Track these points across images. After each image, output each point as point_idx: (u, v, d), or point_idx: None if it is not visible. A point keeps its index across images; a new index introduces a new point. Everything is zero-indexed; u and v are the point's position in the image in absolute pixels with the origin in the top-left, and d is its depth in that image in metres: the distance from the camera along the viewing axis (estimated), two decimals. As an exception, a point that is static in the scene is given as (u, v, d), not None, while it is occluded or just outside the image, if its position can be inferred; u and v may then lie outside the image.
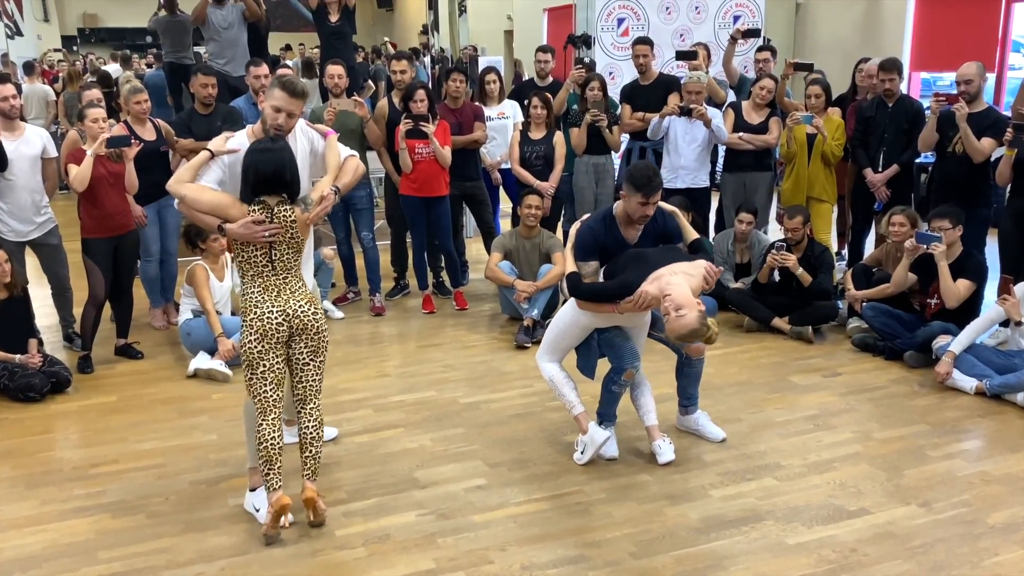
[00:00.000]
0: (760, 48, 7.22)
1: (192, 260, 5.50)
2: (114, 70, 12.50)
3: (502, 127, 6.83)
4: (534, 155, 6.37)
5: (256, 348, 3.34)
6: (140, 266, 5.82)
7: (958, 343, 4.86)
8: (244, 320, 3.37)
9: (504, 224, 7.67)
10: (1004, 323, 4.98)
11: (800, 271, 5.64)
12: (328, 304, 6.29)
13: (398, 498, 3.76)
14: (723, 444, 4.22)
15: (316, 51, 11.50)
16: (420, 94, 5.85)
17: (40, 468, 4.09)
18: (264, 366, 3.36)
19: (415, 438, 4.35)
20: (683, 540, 3.42)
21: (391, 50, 13.66)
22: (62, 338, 5.75)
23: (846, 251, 7.00)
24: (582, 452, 4.05)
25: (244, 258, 3.37)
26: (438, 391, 4.94)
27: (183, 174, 3.37)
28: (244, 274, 3.40)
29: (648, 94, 6.62)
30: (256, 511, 3.59)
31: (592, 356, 4.12)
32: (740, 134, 6.35)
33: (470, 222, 7.90)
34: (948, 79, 10.49)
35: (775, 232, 6.86)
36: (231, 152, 3.42)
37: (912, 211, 5.67)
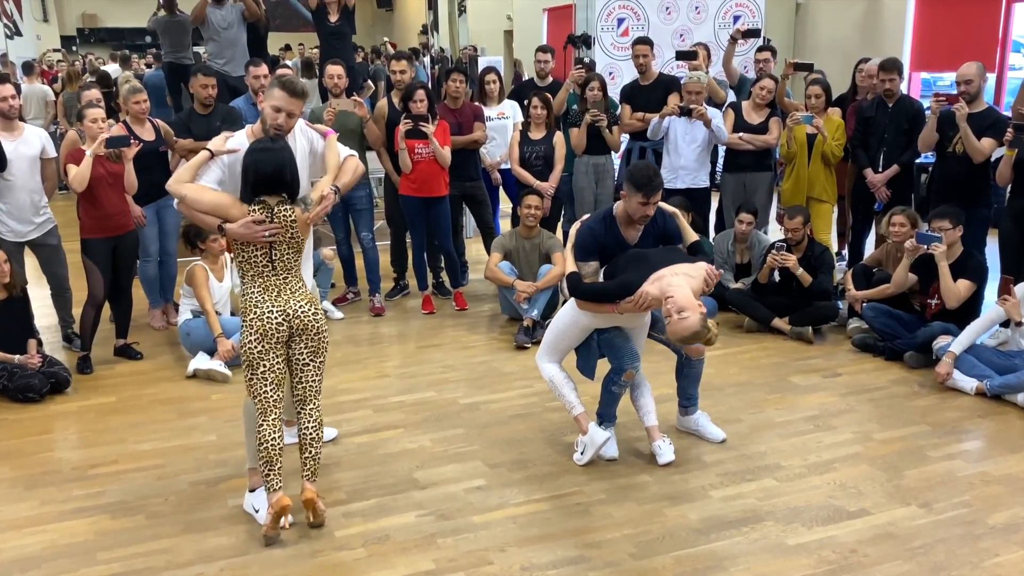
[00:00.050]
0: (760, 48, 7.22)
1: (191, 260, 5.50)
2: (113, 70, 12.49)
3: (502, 127, 6.82)
4: (534, 155, 6.37)
5: (256, 348, 3.34)
6: (139, 266, 5.81)
7: (958, 343, 4.86)
8: (244, 320, 3.37)
9: (504, 224, 7.66)
10: (1004, 323, 4.98)
11: (800, 271, 5.64)
12: (328, 304, 6.29)
13: (398, 499, 3.76)
14: (723, 445, 4.22)
15: (315, 51, 11.48)
16: (420, 94, 5.85)
17: (39, 469, 4.09)
18: (264, 366, 3.36)
19: (415, 439, 4.34)
20: (683, 541, 3.42)
21: (391, 50, 13.66)
22: (61, 338, 5.74)
23: (846, 251, 7.00)
24: (582, 453, 4.05)
25: (244, 258, 3.36)
26: (438, 392, 4.94)
27: (183, 174, 3.36)
28: (244, 274, 3.40)
29: (648, 94, 6.61)
30: (255, 512, 3.58)
31: (592, 357, 4.12)
32: (740, 134, 6.35)
33: (470, 222, 7.90)
34: (948, 79, 10.49)
35: (775, 232, 6.85)
36: (231, 152, 3.42)
37: (912, 211, 5.67)
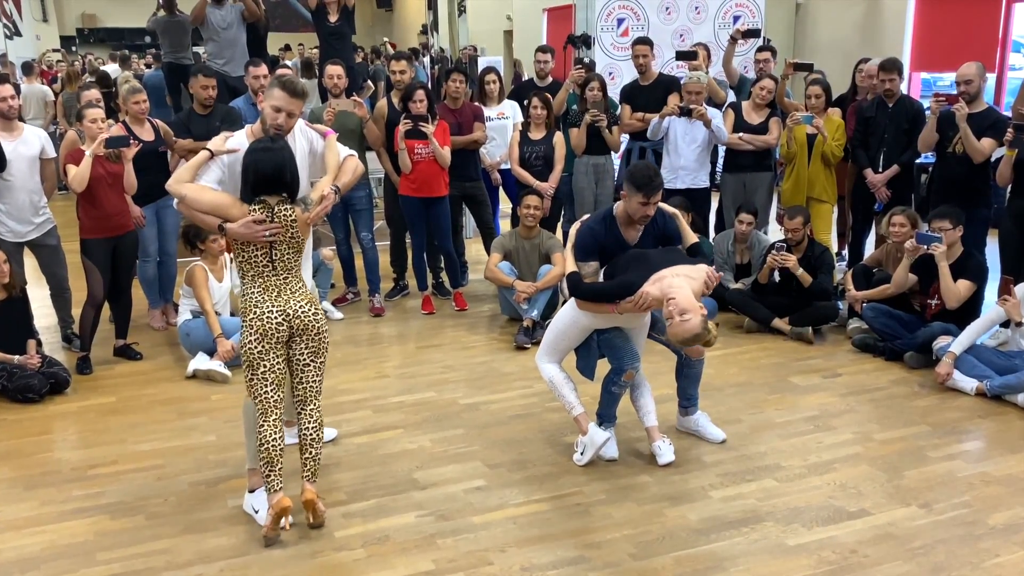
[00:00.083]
0: (760, 48, 7.22)
1: (191, 261, 5.49)
2: (113, 70, 12.48)
3: (502, 127, 6.82)
4: (534, 155, 6.36)
5: (256, 348, 3.33)
6: (138, 267, 5.81)
7: (958, 344, 4.86)
8: (244, 320, 3.37)
9: (504, 225, 7.65)
10: (1004, 324, 4.98)
11: (800, 272, 5.63)
12: (327, 305, 6.28)
13: (397, 499, 3.75)
14: (723, 445, 4.22)
15: (315, 51, 11.49)
16: (419, 94, 5.84)
17: (39, 469, 4.08)
18: (265, 367, 3.35)
19: (414, 439, 4.34)
20: (683, 541, 3.41)
21: (390, 50, 13.66)
22: (61, 339, 5.74)
23: (846, 251, 6.99)
24: (582, 453, 4.04)
25: (244, 258, 3.36)
26: (438, 392, 4.94)
27: (183, 174, 3.36)
28: (244, 274, 3.40)
29: (648, 94, 6.61)
30: (255, 512, 3.58)
31: (592, 357, 4.11)
32: (740, 134, 6.35)
33: (470, 223, 7.89)
34: (948, 79, 10.48)
35: (775, 232, 6.85)
36: (230, 152, 3.42)
37: (912, 211, 5.66)
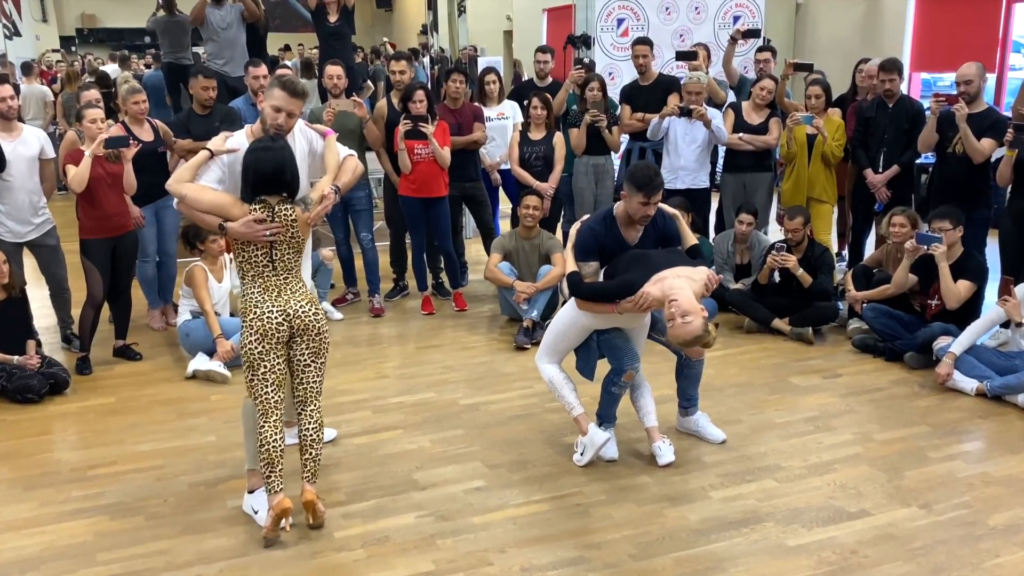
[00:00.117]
0: (760, 48, 7.22)
1: (191, 261, 5.49)
2: (112, 70, 12.48)
3: (501, 128, 6.81)
4: (534, 156, 6.36)
5: (257, 349, 3.33)
6: (137, 267, 5.80)
7: (959, 344, 4.85)
8: (244, 321, 3.36)
9: (503, 225, 7.65)
10: (1005, 324, 4.97)
11: (800, 272, 5.63)
12: (327, 305, 6.28)
13: (397, 500, 3.75)
14: (723, 445, 4.21)
15: (315, 52, 11.48)
16: (419, 95, 5.84)
17: (38, 470, 4.08)
18: (265, 367, 3.35)
19: (414, 440, 4.34)
20: (683, 542, 3.41)
21: (390, 50, 13.66)
22: (60, 339, 5.73)
23: (846, 252, 6.99)
24: (581, 454, 4.04)
25: (244, 258, 3.35)
26: (437, 392, 4.93)
27: (183, 173, 3.36)
28: (244, 274, 3.39)
29: (648, 95, 6.61)
30: (254, 513, 3.57)
31: (592, 357, 4.11)
32: (740, 135, 6.34)
33: (469, 223, 7.89)
34: (948, 79, 10.48)
35: (775, 233, 6.85)
36: (230, 152, 3.41)
37: (912, 212, 5.66)
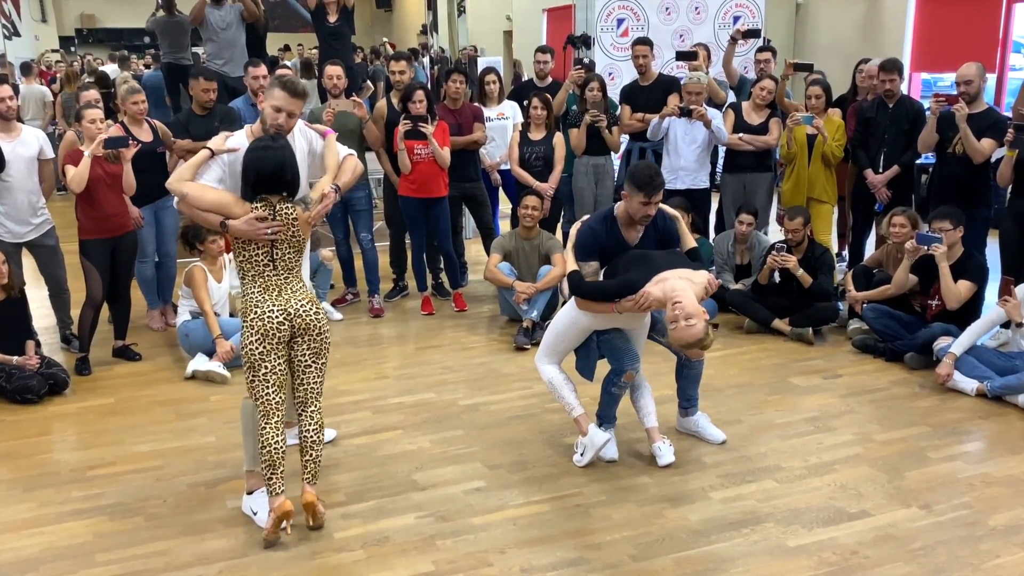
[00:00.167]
0: (760, 49, 7.21)
1: (190, 262, 5.49)
2: (112, 71, 12.47)
3: (501, 128, 6.81)
4: (533, 156, 6.35)
5: (258, 349, 3.32)
6: (137, 267, 5.80)
7: (959, 344, 4.85)
8: (245, 321, 3.35)
9: (503, 225, 7.65)
10: (1005, 324, 4.97)
11: (800, 272, 5.63)
12: (327, 306, 6.27)
13: (397, 500, 3.75)
14: (723, 446, 4.21)
15: (315, 52, 11.48)
16: (419, 95, 5.84)
17: (37, 470, 4.07)
18: (266, 367, 3.34)
19: (414, 440, 4.33)
20: (683, 542, 3.41)
21: (390, 50, 13.66)
22: (60, 340, 5.73)
23: (846, 252, 6.99)
24: (581, 454, 4.04)
25: (245, 257, 3.35)
26: (437, 393, 4.93)
27: (183, 172, 3.35)
28: (244, 274, 3.38)
29: (648, 95, 6.61)
30: (254, 514, 3.57)
31: (591, 358, 4.11)
32: (740, 135, 6.34)
33: (469, 223, 7.88)
34: (948, 80, 10.48)
35: (775, 233, 6.84)
36: (231, 151, 3.41)
37: (913, 212, 5.66)
